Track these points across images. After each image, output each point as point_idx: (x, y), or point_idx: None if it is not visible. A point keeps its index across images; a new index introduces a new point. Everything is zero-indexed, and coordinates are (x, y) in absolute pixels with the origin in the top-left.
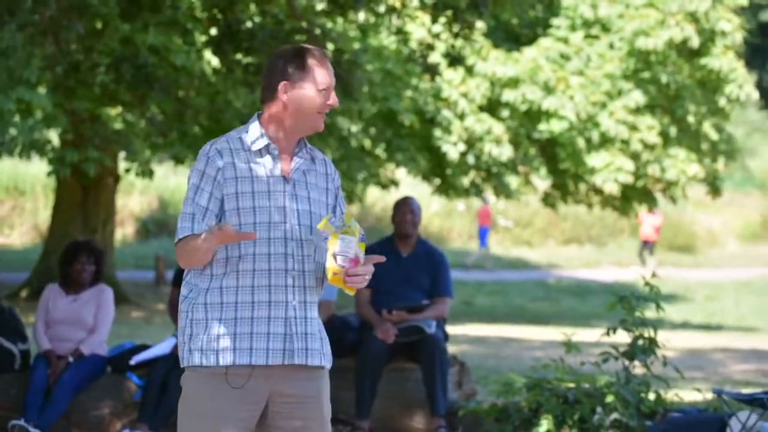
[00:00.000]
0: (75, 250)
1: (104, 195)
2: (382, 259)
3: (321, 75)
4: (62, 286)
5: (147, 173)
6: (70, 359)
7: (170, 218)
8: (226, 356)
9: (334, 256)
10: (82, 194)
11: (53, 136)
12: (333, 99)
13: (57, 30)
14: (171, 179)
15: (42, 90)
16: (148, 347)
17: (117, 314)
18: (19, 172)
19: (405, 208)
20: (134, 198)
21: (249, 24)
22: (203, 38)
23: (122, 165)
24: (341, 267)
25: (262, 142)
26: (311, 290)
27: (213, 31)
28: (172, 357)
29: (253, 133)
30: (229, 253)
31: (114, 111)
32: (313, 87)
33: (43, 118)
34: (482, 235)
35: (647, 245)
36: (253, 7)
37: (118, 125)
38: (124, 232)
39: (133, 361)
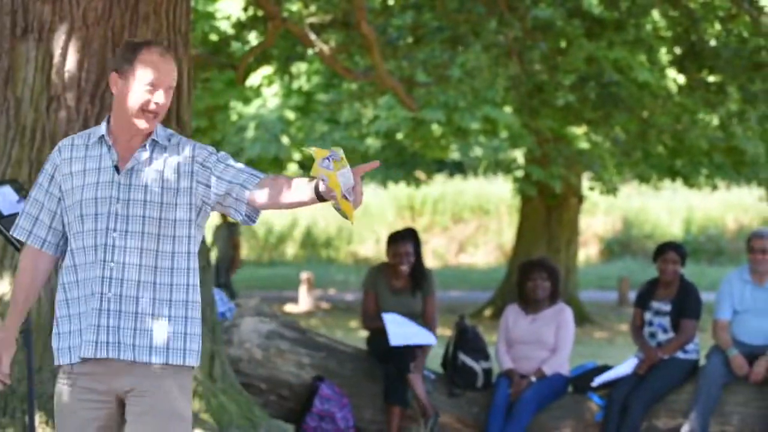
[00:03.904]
0: (528, 269)
1: (568, 215)
2: (374, 164)
3: (147, 72)
4: (521, 306)
5: (611, 191)
6: (532, 379)
7: (634, 239)
8: (63, 355)
9: (343, 197)
10: (546, 214)
11: (518, 155)
12: (158, 98)
13: (521, 50)
14: (635, 199)
15: (507, 110)
16: (609, 368)
17: (579, 334)
18: (483, 191)
19: None
20: (598, 218)
21: (713, 43)
22: (667, 57)
23: (585, 185)
24: (350, 201)
25: (99, 133)
26: (138, 284)
27: (677, 50)
28: (634, 378)
29: (103, 125)
30: (71, 245)
31: (579, 130)
32: (137, 83)
33: (509, 138)
34: None
35: None
36: (717, 25)
37: (582, 145)
38: (587, 252)
39: (595, 383)
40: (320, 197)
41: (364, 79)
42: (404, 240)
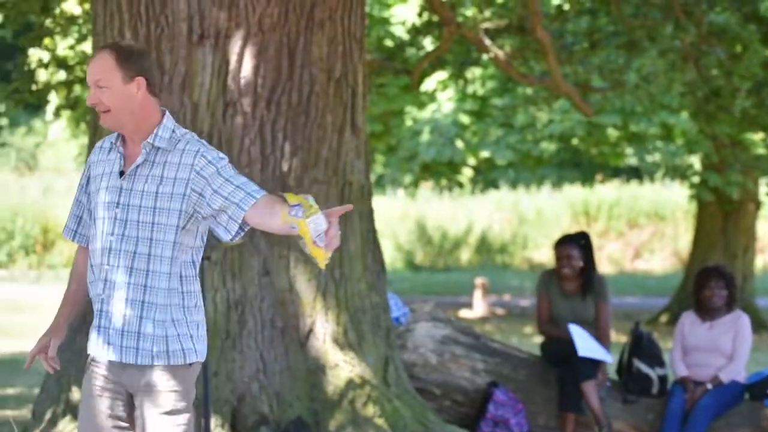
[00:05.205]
0: (705, 276)
1: (745, 221)
2: (348, 208)
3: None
4: (697, 313)
5: None
6: (708, 386)
7: None
8: (89, 345)
9: (314, 243)
10: (723, 220)
11: (695, 161)
12: (90, 98)
13: (697, 55)
14: None
15: (684, 115)
16: None
17: (756, 341)
18: (659, 197)
19: None
20: None
21: None
22: None
23: (762, 190)
24: (324, 247)
25: (113, 138)
26: (129, 287)
27: None
28: None
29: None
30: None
31: (756, 136)
32: None
33: (685, 143)
34: None
35: None
36: None
37: (760, 150)
38: (765, 259)
39: None
40: None
41: (540, 84)
42: (568, 243)
